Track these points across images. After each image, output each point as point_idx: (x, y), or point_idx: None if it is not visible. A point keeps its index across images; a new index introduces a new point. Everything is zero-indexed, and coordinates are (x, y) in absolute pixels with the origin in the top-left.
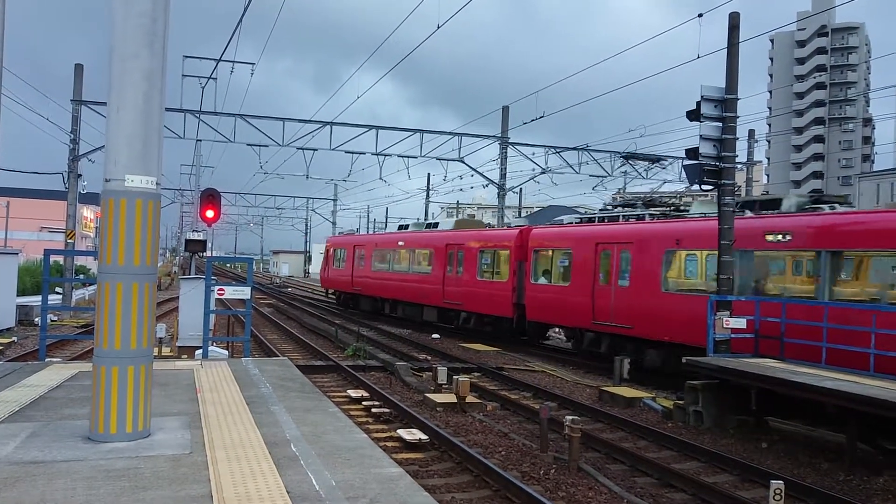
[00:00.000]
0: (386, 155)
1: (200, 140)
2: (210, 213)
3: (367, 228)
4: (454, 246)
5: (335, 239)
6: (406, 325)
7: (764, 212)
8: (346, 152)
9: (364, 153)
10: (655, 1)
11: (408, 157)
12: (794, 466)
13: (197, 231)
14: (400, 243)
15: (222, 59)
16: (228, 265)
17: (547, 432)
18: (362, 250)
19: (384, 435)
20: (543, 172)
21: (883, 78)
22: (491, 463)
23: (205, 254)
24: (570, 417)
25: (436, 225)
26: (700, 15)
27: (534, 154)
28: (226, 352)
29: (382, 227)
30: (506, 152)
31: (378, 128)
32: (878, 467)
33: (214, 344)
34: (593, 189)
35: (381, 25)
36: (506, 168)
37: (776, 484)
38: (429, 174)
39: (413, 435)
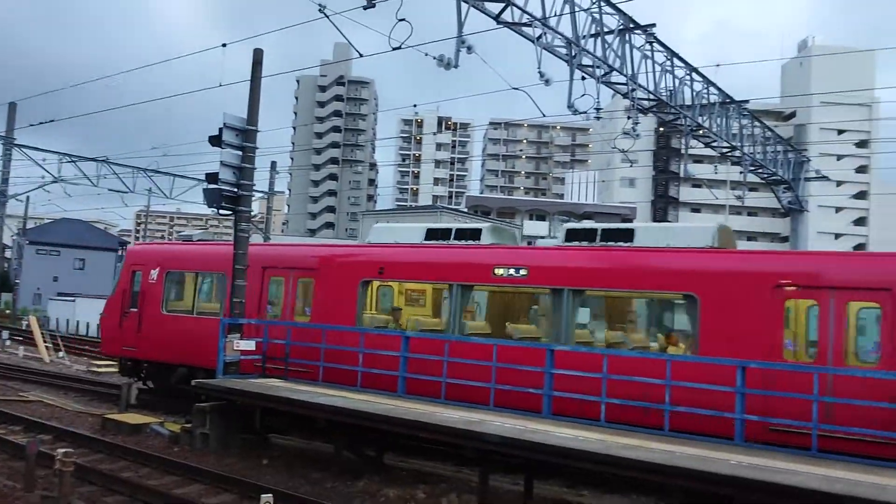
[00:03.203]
0: None
1: None
2: None
3: None
4: None
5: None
6: None
7: None
8: None
9: None
10: (206, 15)
11: None
12: (290, 479)
13: None
14: None
15: None
16: None
17: (34, 469)
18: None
19: None
20: (55, 181)
21: (385, 129)
22: None
23: None
24: (63, 450)
25: None
26: (224, 45)
27: (45, 160)
28: None
29: None
30: (10, 155)
31: None
32: (360, 472)
33: None
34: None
35: None
36: (9, 172)
37: (265, 497)
38: None
39: None
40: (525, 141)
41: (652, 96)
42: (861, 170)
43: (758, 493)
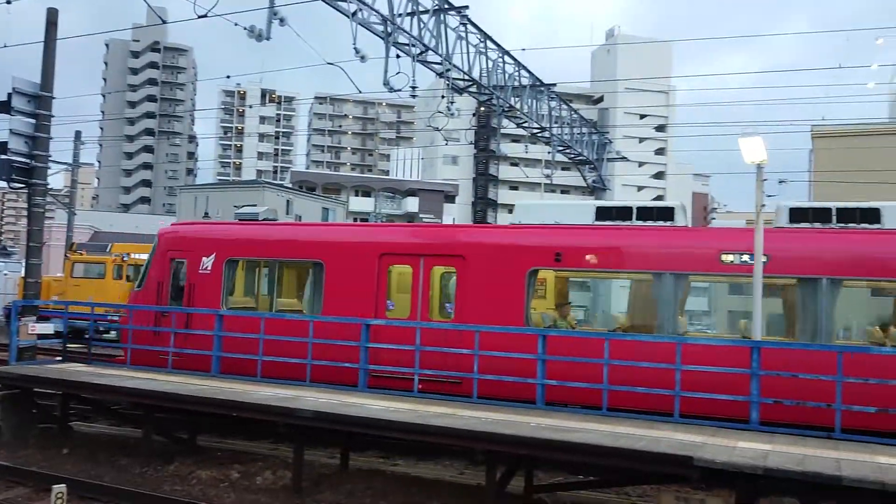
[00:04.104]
0: None
1: None
2: None
3: None
4: None
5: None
6: None
7: None
8: None
9: None
10: None
11: None
12: (94, 467)
13: None
14: None
15: None
16: None
17: None
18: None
19: None
20: None
21: (206, 100)
22: None
23: None
24: None
25: None
26: (8, 2)
27: None
28: None
29: None
30: None
31: None
32: (172, 455)
33: None
34: None
35: None
36: None
37: (57, 489)
38: None
39: None
40: (351, 117)
41: (467, 77)
42: (660, 152)
43: (555, 452)
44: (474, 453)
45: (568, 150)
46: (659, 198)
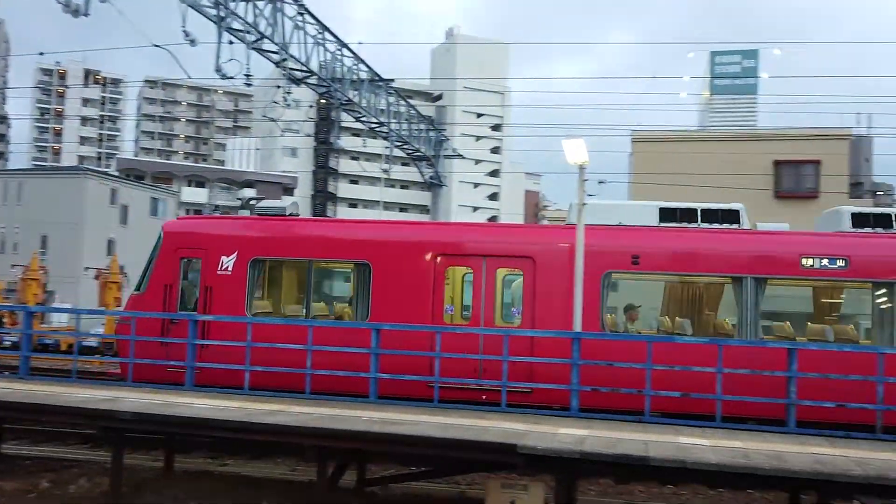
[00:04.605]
0: None
1: None
2: None
3: None
4: None
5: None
6: None
7: None
8: None
9: None
10: None
11: None
12: None
13: None
14: None
15: None
16: None
17: None
18: None
19: None
20: None
21: (20, 78)
22: None
23: None
24: None
25: None
26: None
27: None
28: None
29: None
30: None
31: None
32: None
33: None
34: None
35: None
36: None
37: None
38: None
39: None
40: (185, 103)
41: (304, 68)
42: (495, 150)
43: (385, 445)
44: (305, 450)
45: (406, 146)
46: (494, 196)
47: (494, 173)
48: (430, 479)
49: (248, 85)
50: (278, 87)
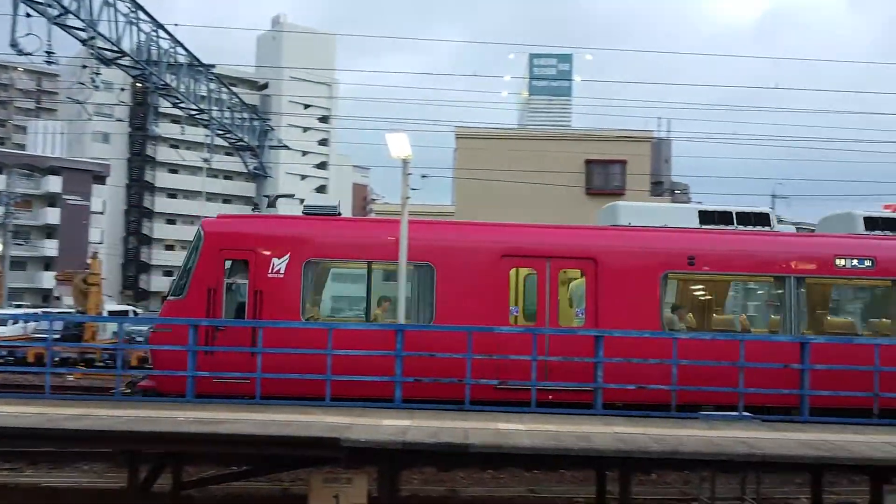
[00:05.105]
0: None
1: None
2: None
3: None
4: None
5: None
6: None
7: None
8: None
9: None
10: None
11: None
12: None
13: None
14: None
15: None
16: None
17: None
18: None
19: None
20: None
21: None
22: None
23: None
24: None
25: None
26: None
27: None
28: None
29: None
30: None
31: None
32: None
33: None
34: None
35: None
36: None
37: None
38: None
39: None
40: None
41: (115, 48)
42: (323, 142)
43: (199, 445)
44: (115, 455)
45: (228, 135)
46: (321, 188)
47: (322, 165)
48: (252, 479)
49: (50, 63)
50: (84, 66)
